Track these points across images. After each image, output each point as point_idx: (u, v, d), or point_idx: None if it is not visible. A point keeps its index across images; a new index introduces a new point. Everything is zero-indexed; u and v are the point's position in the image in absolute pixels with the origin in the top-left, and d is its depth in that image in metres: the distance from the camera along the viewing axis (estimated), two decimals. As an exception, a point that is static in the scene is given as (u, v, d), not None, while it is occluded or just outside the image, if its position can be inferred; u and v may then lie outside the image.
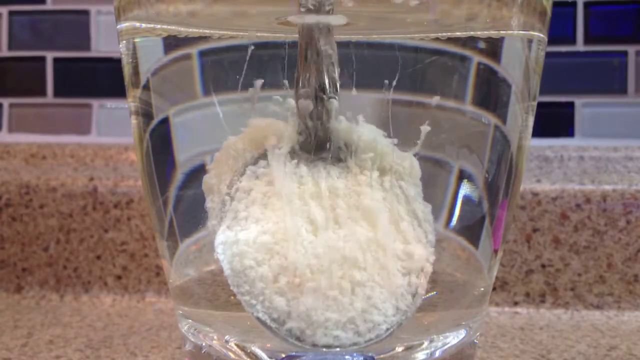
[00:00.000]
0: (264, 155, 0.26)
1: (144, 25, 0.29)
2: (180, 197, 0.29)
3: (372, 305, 0.25)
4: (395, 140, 0.26)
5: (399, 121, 0.26)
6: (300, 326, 0.25)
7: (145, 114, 0.29)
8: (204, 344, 0.29)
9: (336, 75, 0.25)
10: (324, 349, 0.26)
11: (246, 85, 0.26)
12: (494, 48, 0.28)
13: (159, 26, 0.28)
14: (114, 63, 0.55)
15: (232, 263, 0.26)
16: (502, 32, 0.28)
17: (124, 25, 0.30)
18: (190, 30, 0.27)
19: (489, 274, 0.30)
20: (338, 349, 0.26)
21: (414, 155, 0.26)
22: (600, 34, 0.52)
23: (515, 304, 0.46)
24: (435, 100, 0.26)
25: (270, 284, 0.25)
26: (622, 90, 0.52)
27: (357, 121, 0.26)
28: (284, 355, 0.27)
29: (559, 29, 0.52)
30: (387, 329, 0.26)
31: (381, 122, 0.26)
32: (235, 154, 0.26)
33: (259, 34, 0.26)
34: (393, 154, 0.26)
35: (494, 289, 0.45)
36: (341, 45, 0.25)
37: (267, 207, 0.26)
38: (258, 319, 0.26)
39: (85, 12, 0.56)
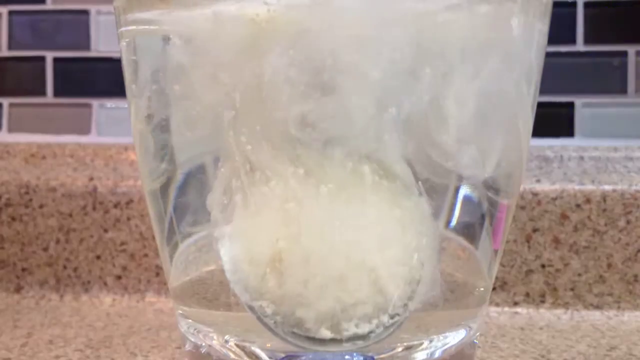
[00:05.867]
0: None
1: (144, 25, 0.29)
2: (180, 197, 0.29)
3: (370, 302, 0.26)
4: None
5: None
6: (300, 320, 0.25)
7: (145, 114, 0.29)
8: (203, 344, 0.29)
9: None
10: (323, 349, 0.26)
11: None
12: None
13: (159, 27, 0.28)
14: (114, 63, 0.55)
15: (234, 260, 0.26)
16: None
17: (124, 25, 0.30)
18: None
19: (489, 274, 0.30)
20: (336, 349, 0.26)
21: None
22: (600, 34, 0.52)
23: (515, 304, 0.46)
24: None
25: (272, 281, 0.26)
26: (622, 90, 0.52)
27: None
28: (283, 355, 0.27)
29: (559, 29, 0.52)
30: (386, 327, 0.26)
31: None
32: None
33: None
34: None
35: (494, 289, 0.45)
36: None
37: (270, 205, 0.26)
38: (256, 314, 0.26)
39: (85, 12, 0.56)
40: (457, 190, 0.28)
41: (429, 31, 0.26)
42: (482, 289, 0.30)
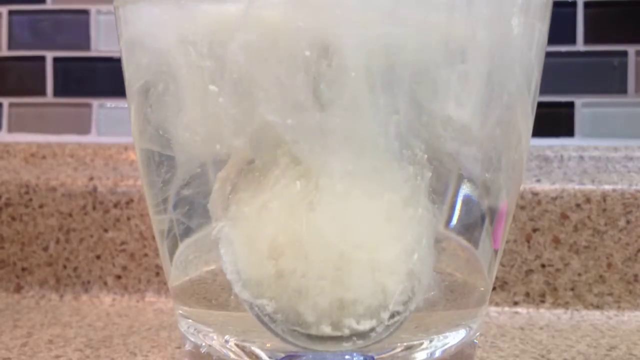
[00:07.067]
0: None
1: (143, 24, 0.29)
2: (180, 197, 0.29)
3: (370, 298, 0.26)
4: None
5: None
6: (300, 317, 0.25)
7: (146, 114, 0.29)
8: (203, 344, 0.29)
9: None
10: (323, 348, 0.26)
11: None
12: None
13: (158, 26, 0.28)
14: (114, 63, 0.55)
15: (234, 258, 0.26)
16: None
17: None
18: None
19: (489, 274, 0.30)
20: (336, 348, 0.26)
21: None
22: (600, 34, 0.52)
23: (515, 304, 0.46)
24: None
25: (273, 280, 0.26)
26: (622, 90, 0.52)
27: None
28: (283, 355, 0.27)
29: (559, 29, 0.52)
30: (387, 326, 0.26)
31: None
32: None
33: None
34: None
35: (494, 289, 0.45)
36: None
37: (270, 202, 0.26)
38: (255, 312, 0.26)
39: (85, 12, 0.56)
40: (457, 190, 0.28)
41: (427, 30, 0.26)
42: (482, 289, 0.30)
